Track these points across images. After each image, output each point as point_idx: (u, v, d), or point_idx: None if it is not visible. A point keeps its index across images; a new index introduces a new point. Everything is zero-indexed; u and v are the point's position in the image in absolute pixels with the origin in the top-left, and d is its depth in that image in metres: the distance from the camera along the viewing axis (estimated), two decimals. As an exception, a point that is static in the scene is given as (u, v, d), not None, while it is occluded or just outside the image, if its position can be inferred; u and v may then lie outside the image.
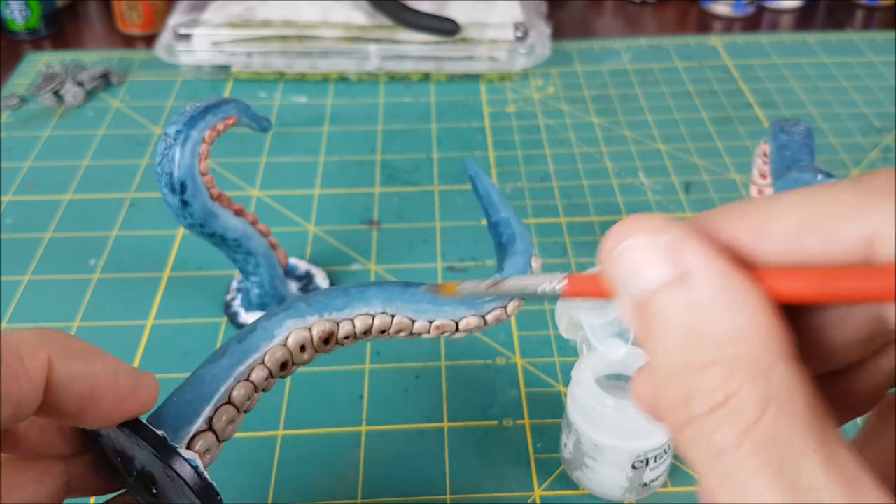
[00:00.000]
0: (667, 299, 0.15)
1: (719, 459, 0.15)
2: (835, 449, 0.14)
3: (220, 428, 0.24)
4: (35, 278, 0.50)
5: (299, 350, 0.26)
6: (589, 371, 0.36)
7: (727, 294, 0.15)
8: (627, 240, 0.16)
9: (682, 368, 0.15)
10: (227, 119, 0.40)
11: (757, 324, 0.15)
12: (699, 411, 0.15)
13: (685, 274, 0.15)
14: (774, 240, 0.16)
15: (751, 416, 0.14)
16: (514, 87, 0.70)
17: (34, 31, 0.78)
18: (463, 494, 0.38)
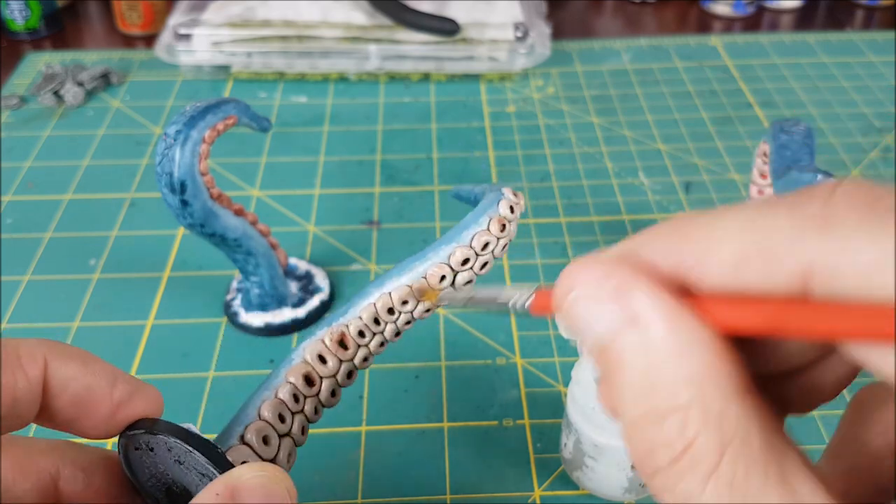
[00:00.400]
0: (620, 346, 0.16)
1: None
2: (794, 483, 0.14)
3: (254, 443, 0.25)
4: (35, 278, 0.50)
5: (318, 360, 0.27)
6: (589, 371, 0.36)
7: (676, 337, 0.15)
8: (574, 289, 0.16)
9: (643, 419, 0.15)
10: (227, 119, 0.40)
11: (706, 366, 0.15)
12: (661, 462, 0.15)
13: (634, 317, 0.15)
14: (716, 268, 0.16)
15: (709, 464, 0.14)
16: (514, 87, 0.70)
17: (34, 31, 0.78)
18: (463, 494, 0.38)
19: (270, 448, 0.25)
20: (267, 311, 0.46)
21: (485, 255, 0.29)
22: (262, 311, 0.46)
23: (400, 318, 0.28)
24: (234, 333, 0.47)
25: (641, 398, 0.15)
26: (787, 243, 0.15)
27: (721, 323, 0.15)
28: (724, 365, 0.15)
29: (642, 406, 0.15)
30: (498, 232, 0.29)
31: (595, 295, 0.16)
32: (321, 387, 0.27)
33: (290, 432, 0.26)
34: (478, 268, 0.29)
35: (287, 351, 0.45)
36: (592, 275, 0.16)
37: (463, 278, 0.29)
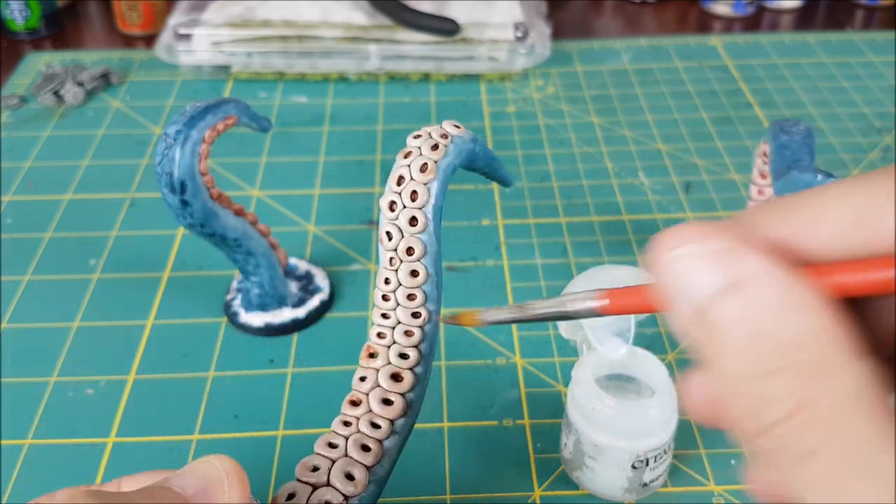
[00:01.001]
0: (726, 307, 0.15)
1: (805, 465, 0.14)
2: None
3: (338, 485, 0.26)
4: (35, 278, 0.50)
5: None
6: (589, 371, 0.36)
7: (787, 298, 0.15)
8: (677, 249, 0.16)
9: (750, 377, 0.15)
10: (227, 119, 0.40)
11: (820, 325, 0.15)
12: (774, 419, 0.15)
13: (741, 280, 0.15)
14: (828, 236, 0.16)
15: (830, 421, 0.14)
16: (514, 87, 0.70)
17: (34, 31, 0.78)
18: (463, 494, 0.38)
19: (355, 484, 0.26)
20: (267, 311, 0.46)
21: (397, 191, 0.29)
22: (262, 311, 0.46)
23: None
24: (234, 333, 0.47)
25: (747, 358, 0.15)
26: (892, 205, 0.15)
27: (834, 286, 0.15)
28: (839, 327, 0.15)
29: (747, 364, 0.15)
30: (401, 159, 0.30)
31: (699, 254, 0.16)
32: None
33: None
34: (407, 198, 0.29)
35: (287, 351, 0.45)
36: (699, 236, 0.16)
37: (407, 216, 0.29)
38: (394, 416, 0.27)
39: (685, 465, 0.39)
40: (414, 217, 0.29)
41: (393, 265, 0.29)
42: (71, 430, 0.41)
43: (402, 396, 0.28)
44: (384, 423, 0.27)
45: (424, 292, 0.29)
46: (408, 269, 0.28)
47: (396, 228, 0.29)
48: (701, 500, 0.38)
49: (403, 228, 0.29)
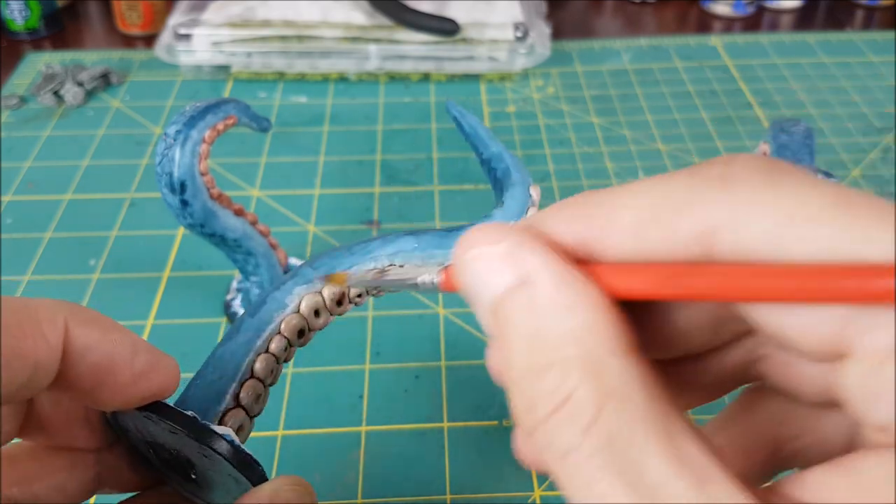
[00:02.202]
0: (511, 304, 0.16)
1: (565, 461, 0.14)
2: (680, 442, 0.14)
3: (248, 403, 0.24)
4: (35, 278, 0.50)
5: (314, 315, 0.26)
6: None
7: (563, 294, 0.15)
8: (474, 248, 0.16)
9: (525, 373, 0.15)
10: (227, 119, 0.40)
11: (591, 322, 0.15)
12: (541, 415, 0.15)
13: (525, 278, 0.15)
14: (617, 235, 0.16)
15: (588, 415, 0.14)
16: (514, 87, 0.70)
17: (34, 31, 0.78)
18: (463, 494, 0.38)
19: (259, 405, 0.25)
20: (267, 308, 0.46)
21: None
22: (262, 311, 0.46)
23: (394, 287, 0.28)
24: (234, 333, 0.47)
25: (526, 353, 0.15)
26: (685, 204, 0.15)
27: (612, 286, 0.16)
28: (610, 323, 0.15)
29: (526, 361, 0.15)
30: None
31: (490, 255, 0.16)
32: (307, 339, 0.27)
33: (273, 382, 0.26)
34: None
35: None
36: (489, 237, 0.16)
37: None
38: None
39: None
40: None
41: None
42: (71, 430, 0.41)
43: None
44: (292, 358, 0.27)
45: None
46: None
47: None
48: (701, 500, 0.38)
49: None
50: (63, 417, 0.23)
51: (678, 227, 0.15)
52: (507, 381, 0.16)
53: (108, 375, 0.21)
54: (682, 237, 0.15)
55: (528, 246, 0.16)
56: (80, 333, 0.20)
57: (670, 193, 0.15)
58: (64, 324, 0.20)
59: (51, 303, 0.20)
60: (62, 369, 0.20)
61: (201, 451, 0.22)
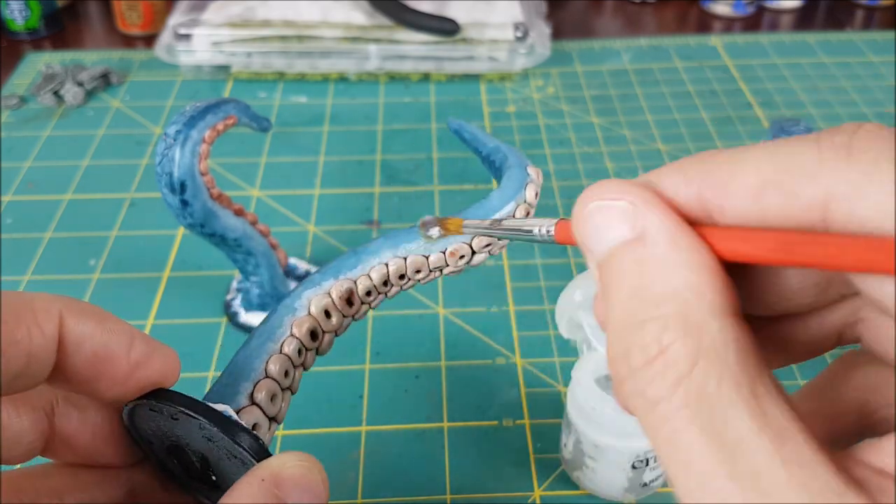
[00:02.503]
0: (622, 258, 0.16)
1: (653, 411, 0.15)
2: (766, 403, 0.14)
3: (263, 402, 0.24)
4: (35, 278, 0.50)
5: (324, 316, 0.27)
6: (589, 371, 0.36)
7: (673, 253, 0.16)
8: (592, 202, 0.17)
9: (626, 324, 0.16)
10: (227, 119, 0.40)
11: (695, 283, 0.15)
12: (635, 364, 0.15)
13: (641, 233, 0.16)
14: (737, 197, 0.16)
15: (682, 369, 0.15)
16: (514, 87, 0.70)
17: (34, 31, 0.78)
18: (463, 494, 0.38)
19: (275, 406, 0.25)
20: (267, 311, 0.46)
21: (505, 240, 0.29)
22: (262, 311, 0.46)
23: (408, 284, 0.28)
24: (234, 333, 0.47)
25: (629, 305, 0.16)
26: (809, 171, 0.15)
27: (725, 250, 0.16)
28: (714, 285, 0.15)
29: (628, 312, 0.16)
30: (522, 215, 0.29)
31: (610, 208, 0.17)
32: (323, 341, 0.27)
33: (291, 386, 0.26)
34: (496, 249, 0.29)
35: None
36: (610, 192, 0.17)
37: (479, 259, 0.29)
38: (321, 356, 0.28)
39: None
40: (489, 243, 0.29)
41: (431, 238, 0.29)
42: (71, 430, 0.41)
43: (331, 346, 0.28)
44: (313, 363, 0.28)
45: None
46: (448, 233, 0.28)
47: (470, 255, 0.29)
48: (701, 500, 0.38)
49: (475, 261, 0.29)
50: (89, 434, 0.23)
51: (801, 194, 0.15)
52: (607, 329, 0.16)
53: (106, 365, 0.21)
54: (804, 204, 0.15)
55: (647, 203, 0.16)
56: (76, 324, 0.20)
57: (795, 159, 0.15)
58: (59, 314, 0.20)
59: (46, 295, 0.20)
60: (59, 360, 0.20)
61: (204, 435, 0.22)
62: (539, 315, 0.48)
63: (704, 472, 0.14)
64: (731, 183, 0.16)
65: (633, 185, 0.17)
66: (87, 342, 0.21)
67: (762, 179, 0.16)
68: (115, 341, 0.21)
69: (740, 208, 0.16)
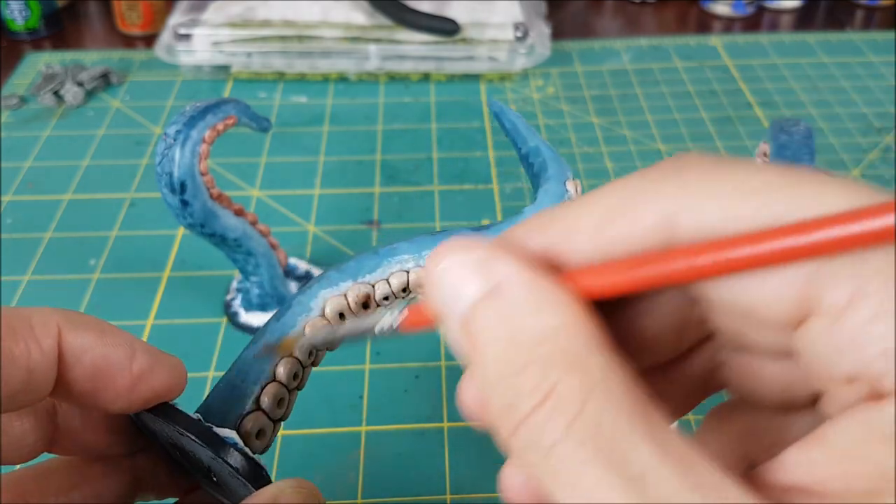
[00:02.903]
0: (484, 312, 0.16)
1: (550, 456, 0.14)
2: (662, 431, 0.14)
3: (269, 407, 0.24)
4: (35, 278, 0.50)
5: (338, 318, 0.26)
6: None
7: (535, 297, 0.15)
8: (441, 264, 0.17)
9: (503, 375, 0.15)
10: (226, 119, 0.40)
11: (566, 320, 0.15)
12: (524, 411, 0.15)
13: (497, 285, 0.16)
14: (581, 239, 0.16)
15: (573, 408, 0.14)
16: (514, 87, 0.70)
17: (34, 31, 0.78)
18: (463, 494, 0.38)
19: (281, 409, 0.24)
20: (267, 311, 0.46)
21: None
22: (262, 312, 0.46)
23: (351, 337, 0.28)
24: (234, 333, 0.47)
25: (503, 357, 0.15)
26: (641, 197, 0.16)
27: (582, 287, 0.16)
28: (585, 321, 0.15)
29: (503, 364, 0.15)
30: None
31: (461, 265, 0.16)
32: (333, 345, 0.26)
33: (298, 386, 0.25)
34: None
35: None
36: (459, 250, 0.16)
37: None
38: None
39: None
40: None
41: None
42: (71, 430, 0.41)
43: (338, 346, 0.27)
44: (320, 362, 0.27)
45: None
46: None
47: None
48: (701, 500, 0.38)
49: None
50: (92, 430, 0.23)
51: (638, 219, 0.16)
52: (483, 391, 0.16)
53: (107, 378, 0.21)
54: (643, 228, 0.15)
55: (497, 256, 0.16)
56: (74, 337, 0.20)
57: (627, 191, 0.16)
58: (57, 328, 0.20)
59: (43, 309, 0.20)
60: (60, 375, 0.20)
61: (209, 454, 0.22)
62: (539, 315, 0.48)
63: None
64: (573, 226, 0.16)
65: (477, 241, 0.16)
66: (87, 355, 0.20)
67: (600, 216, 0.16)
68: (116, 353, 0.21)
69: (585, 247, 0.16)
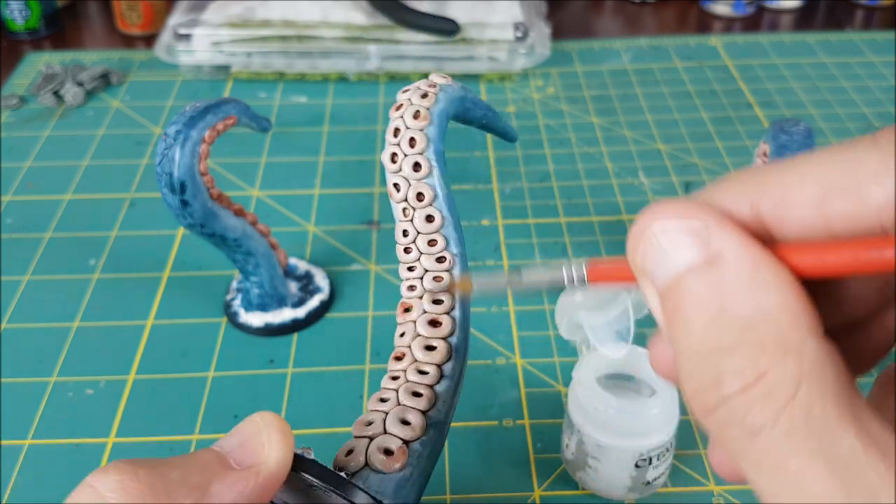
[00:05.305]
0: (695, 282, 0.15)
1: (755, 440, 0.14)
2: (867, 421, 0.14)
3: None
4: (35, 278, 0.50)
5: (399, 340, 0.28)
6: (590, 371, 0.36)
7: (756, 275, 0.15)
8: (657, 222, 0.16)
9: (711, 351, 0.15)
10: (226, 119, 0.40)
11: (786, 303, 0.15)
12: (730, 391, 0.15)
13: (715, 257, 0.15)
14: (798, 208, 0.15)
15: (784, 395, 0.14)
16: (514, 87, 0.70)
17: (34, 31, 0.78)
18: (463, 494, 0.38)
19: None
20: (267, 311, 0.46)
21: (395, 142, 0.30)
22: (262, 311, 0.46)
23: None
24: (234, 333, 0.47)
25: (710, 331, 0.15)
26: (873, 175, 0.15)
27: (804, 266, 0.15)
28: (803, 304, 0.15)
29: (711, 339, 0.15)
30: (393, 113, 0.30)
31: (677, 230, 0.16)
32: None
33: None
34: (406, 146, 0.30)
35: (287, 351, 0.45)
36: (677, 212, 0.16)
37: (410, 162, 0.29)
38: (439, 360, 0.27)
39: (685, 465, 0.39)
40: (417, 163, 0.29)
41: (407, 215, 0.29)
42: (71, 431, 0.41)
43: (445, 340, 0.27)
44: (431, 368, 0.27)
45: (444, 236, 0.29)
46: (422, 215, 0.28)
47: (402, 178, 0.29)
48: (701, 499, 0.38)
49: (409, 177, 0.29)
50: None
51: (869, 197, 0.15)
52: (681, 359, 0.16)
53: None
54: (872, 208, 0.15)
55: (720, 223, 0.16)
56: None
57: (857, 163, 0.15)
58: None
59: None
60: None
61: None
62: (539, 315, 0.48)
63: (820, 496, 0.14)
64: (790, 194, 0.15)
65: (700, 205, 0.16)
66: None
67: (825, 187, 0.15)
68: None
69: (803, 219, 0.15)
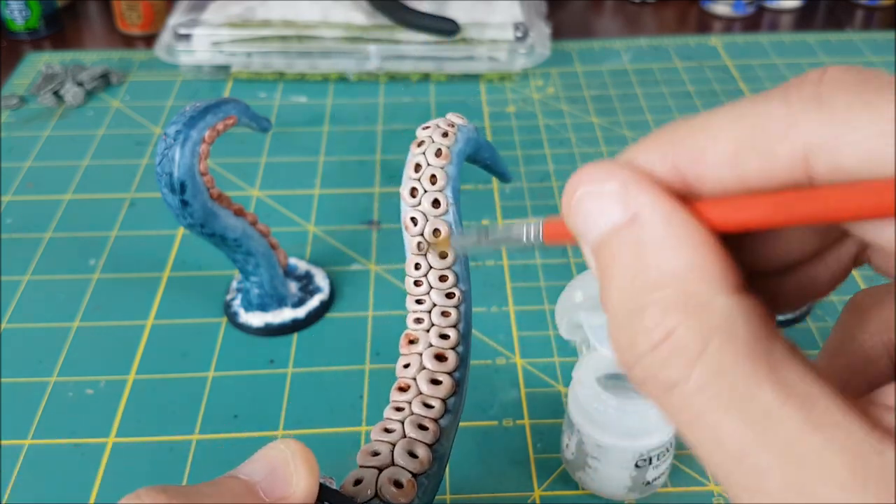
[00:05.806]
0: (616, 242, 0.16)
1: (670, 394, 0.15)
2: (785, 371, 0.14)
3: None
4: (35, 278, 0.50)
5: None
6: (590, 370, 0.36)
7: (670, 234, 0.15)
8: (580, 189, 0.17)
9: (625, 310, 0.16)
10: (226, 119, 0.40)
11: (695, 262, 0.15)
12: (641, 350, 0.15)
13: (634, 216, 0.16)
14: (714, 165, 0.16)
15: (693, 351, 0.14)
16: (514, 87, 0.70)
17: (34, 31, 0.78)
18: (463, 494, 0.38)
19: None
20: (267, 311, 0.46)
21: (416, 178, 0.31)
22: (262, 311, 0.46)
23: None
24: (234, 333, 0.47)
25: (628, 290, 0.16)
26: (782, 128, 0.15)
27: (720, 222, 0.16)
28: (715, 262, 0.15)
29: (627, 298, 0.16)
30: (415, 149, 0.32)
31: (599, 193, 0.16)
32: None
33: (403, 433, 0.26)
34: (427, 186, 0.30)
35: (287, 351, 0.45)
36: (598, 175, 0.16)
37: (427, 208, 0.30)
38: (444, 394, 0.27)
39: (685, 465, 0.39)
40: (436, 200, 0.30)
41: (421, 249, 0.29)
42: (71, 430, 0.41)
43: (450, 375, 0.28)
44: (436, 402, 0.27)
45: (455, 273, 0.29)
46: (437, 250, 0.29)
47: (420, 213, 0.29)
48: (701, 500, 0.38)
49: (427, 212, 0.29)
50: None
51: (779, 153, 0.15)
52: (608, 316, 0.16)
53: None
54: (783, 163, 0.15)
55: (636, 183, 0.16)
56: None
57: (766, 118, 0.15)
58: None
59: None
60: None
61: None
62: (539, 315, 0.48)
63: (737, 449, 0.14)
64: (706, 151, 0.16)
65: (619, 167, 0.16)
66: None
67: (736, 143, 0.15)
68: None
69: (719, 175, 0.16)
